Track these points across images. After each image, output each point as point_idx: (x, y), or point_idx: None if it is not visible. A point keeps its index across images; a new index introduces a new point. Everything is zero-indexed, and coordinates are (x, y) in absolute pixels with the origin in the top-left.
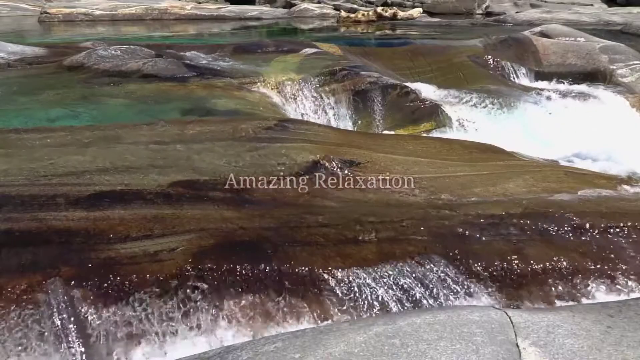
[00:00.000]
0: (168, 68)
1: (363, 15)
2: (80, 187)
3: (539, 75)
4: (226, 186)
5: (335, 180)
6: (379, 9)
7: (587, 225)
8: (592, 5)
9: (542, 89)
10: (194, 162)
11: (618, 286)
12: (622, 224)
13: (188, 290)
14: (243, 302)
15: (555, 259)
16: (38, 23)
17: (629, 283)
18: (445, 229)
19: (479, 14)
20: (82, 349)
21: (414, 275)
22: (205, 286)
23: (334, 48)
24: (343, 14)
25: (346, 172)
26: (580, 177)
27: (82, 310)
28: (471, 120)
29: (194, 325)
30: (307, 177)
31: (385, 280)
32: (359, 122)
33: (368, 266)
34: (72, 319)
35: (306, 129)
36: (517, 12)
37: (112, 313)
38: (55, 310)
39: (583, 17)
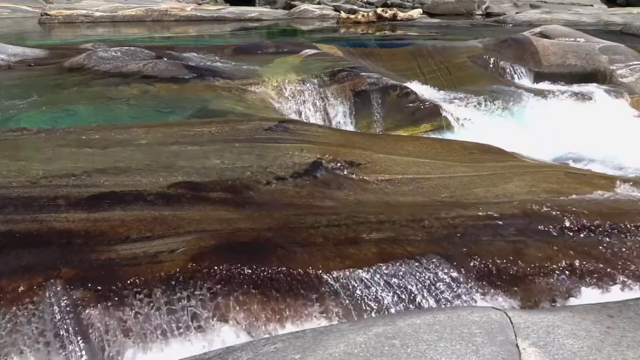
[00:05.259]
0: (168, 69)
1: (363, 16)
2: (81, 189)
3: (539, 76)
4: (226, 187)
5: (336, 181)
6: (379, 10)
7: (587, 226)
8: (592, 5)
9: (542, 90)
10: (194, 163)
11: (618, 286)
12: (622, 224)
13: (188, 291)
14: (243, 302)
15: (555, 259)
16: (38, 24)
17: (629, 283)
18: (446, 230)
19: (478, 14)
20: (83, 350)
21: (414, 275)
22: (206, 287)
23: (334, 49)
24: (343, 15)
25: (346, 172)
26: (580, 178)
27: (83, 311)
28: (471, 120)
29: (194, 326)
30: (307, 177)
31: (385, 280)
32: (359, 122)
33: (368, 266)
34: (73, 320)
35: (306, 129)
36: (517, 13)
37: (112, 314)
38: (55, 311)
39: (583, 18)
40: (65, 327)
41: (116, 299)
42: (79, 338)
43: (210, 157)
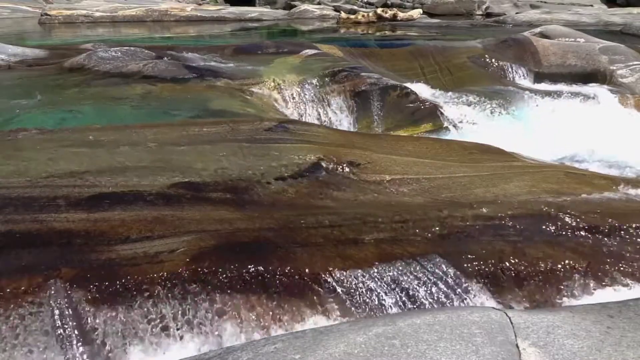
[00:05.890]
0: (168, 69)
1: (363, 16)
2: (81, 189)
3: (539, 76)
4: (226, 187)
5: (335, 181)
6: (379, 10)
7: (587, 226)
8: (592, 5)
9: (542, 90)
10: (194, 163)
11: (618, 287)
12: (622, 225)
13: (188, 291)
14: (243, 303)
15: (555, 259)
16: (38, 25)
17: (629, 283)
18: (446, 230)
19: (479, 14)
20: (82, 350)
21: (414, 275)
22: (206, 287)
23: (334, 49)
24: (343, 15)
25: (346, 172)
26: (580, 178)
27: (83, 311)
28: (471, 121)
29: (194, 326)
30: (307, 178)
31: (385, 280)
32: (359, 123)
33: (368, 267)
34: (73, 320)
35: (306, 129)
36: (517, 13)
37: (112, 314)
38: (55, 311)
39: (583, 18)
40: (65, 327)
41: (116, 299)
42: (79, 338)
43: (210, 157)
